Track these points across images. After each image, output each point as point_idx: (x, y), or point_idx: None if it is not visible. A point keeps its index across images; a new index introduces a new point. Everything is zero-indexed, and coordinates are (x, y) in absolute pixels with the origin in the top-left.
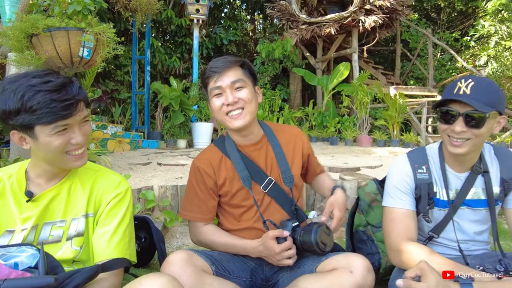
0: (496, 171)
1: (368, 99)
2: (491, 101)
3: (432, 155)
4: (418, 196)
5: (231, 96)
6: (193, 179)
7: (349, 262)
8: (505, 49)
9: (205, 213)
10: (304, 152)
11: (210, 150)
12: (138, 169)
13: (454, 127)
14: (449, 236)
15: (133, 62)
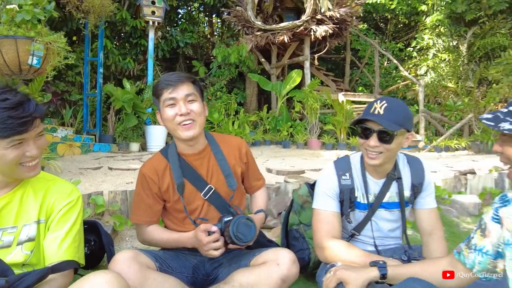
0: (408, 177)
1: (318, 105)
2: (399, 120)
3: (354, 163)
4: (342, 199)
5: (184, 107)
6: (139, 185)
7: (277, 256)
8: (441, 60)
9: (151, 216)
10: (242, 160)
11: (156, 158)
12: (88, 173)
13: (369, 142)
14: (368, 233)
15: (85, 63)
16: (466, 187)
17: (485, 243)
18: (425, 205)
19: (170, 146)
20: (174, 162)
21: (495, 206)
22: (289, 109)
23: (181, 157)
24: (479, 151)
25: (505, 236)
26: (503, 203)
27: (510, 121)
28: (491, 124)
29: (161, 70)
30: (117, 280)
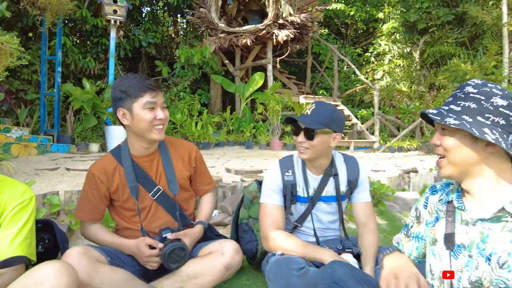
0: (344, 174)
1: (279, 107)
2: (323, 121)
3: (297, 161)
4: (285, 194)
5: (162, 113)
6: (87, 184)
7: (222, 246)
8: (396, 66)
9: (94, 214)
10: (191, 165)
11: (106, 159)
12: (44, 174)
13: (298, 138)
14: (309, 225)
15: (42, 62)
16: (409, 184)
17: (420, 229)
18: (360, 199)
19: (123, 148)
20: (127, 166)
21: (426, 196)
22: (252, 110)
23: (133, 160)
24: (429, 151)
25: (427, 219)
26: (432, 193)
27: (453, 117)
28: (438, 118)
29: (123, 69)
30: (66, 268)
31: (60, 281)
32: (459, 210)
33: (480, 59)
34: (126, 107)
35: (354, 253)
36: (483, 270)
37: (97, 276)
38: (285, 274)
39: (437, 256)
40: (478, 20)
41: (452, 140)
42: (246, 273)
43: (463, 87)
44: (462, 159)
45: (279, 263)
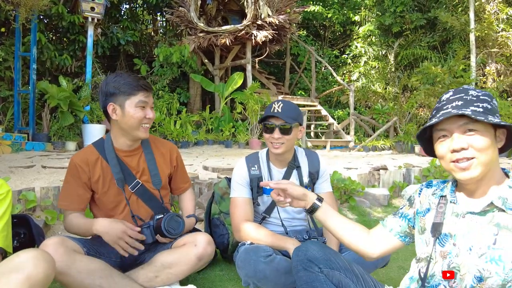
0: (306, 167)
1: (258, 107)
2: (293, 116)
3: (262, 157)
4: (252, 187)
5: (152, 113)
6: (69, 174)
7: (195, 238)
8: (371, 67)
9: (78, 203)
10: (172, 164)
11: (88, 150)
12: (19, 172)
13: (274, 135)
14: (276, 215)
15: (16, 58)
16: (379, 181)
17: (410, 212)
18: (322, 190)
19: (106, 141)
20: (112, 159)
21: (421, 187)
22: (232, 110)
23: (116, 153)
24: (402, 150)
25: (418, 208)
26: (427, 186)
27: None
28: (482, 118)
29: (100, 67)
30: (43, 256)
31: (38, 267)
32: (451, 203)
33: (450, 63)
34: (117, 103)
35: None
36: (462, 258)
37: (73, 265)
38: (253, 261)
39: (424, 242)
40: (448, 25)
41: (485, 139)
42: (220, 264)
43: (467, 91)
44: (491, 159)
45: (247, 251)
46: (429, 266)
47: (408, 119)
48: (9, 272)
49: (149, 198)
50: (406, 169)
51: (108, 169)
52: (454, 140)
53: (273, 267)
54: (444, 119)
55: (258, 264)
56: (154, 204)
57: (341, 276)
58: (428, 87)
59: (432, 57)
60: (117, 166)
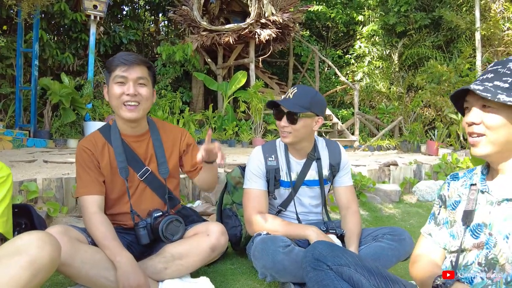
0: (326, 158)
1: (262, 106)
2: (305, 104)
3: (279, 146)
4: (268, 179)
5: (132, 88)
6: (80, 159)
7: (207, 227)
8: (375, 67)
9: (98, 186)
10: (181, 149)
11: (95, 135)
12: (21, 166)
13: (280, 122)
14: (292, 209)
15: (18, 54)
16: (389, 177)
17: (448, 214)
18: (342, 183)
19: (112, 127)
20: (117, 146)
21: (448, 181)
22: (235, 109)
23: (122, 139)
24: (407, 150)
25: (449, 203)
26: (453, 179)
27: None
28: (488, 95)
29: (102, 66)
30: (49, 238)
31: (43, 250)
32: (483, 193)
33: (455, 62)
34: (107, 83)
35: (337, 234)
36: (500, 248)
37: (78, 256)
38: (271, 251)
39: (455, 235)
40: (453, 24)
41: (498, 118)
42: (231, 258)
43: (506, 63)
44: (505, 138)
45: (265, 241)
46: (459, 257)
47: (412, 119)
48: (11, 254)
49: (159, 186)
50: (417, 165)
51: (114, 156)
52: (469, 114)
53: (292, 258)
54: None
55: (277, 255)
56: (163, 193)
57: (351, 271)
58: (434, 86)
59: (437, 57)
60: (122, 154)
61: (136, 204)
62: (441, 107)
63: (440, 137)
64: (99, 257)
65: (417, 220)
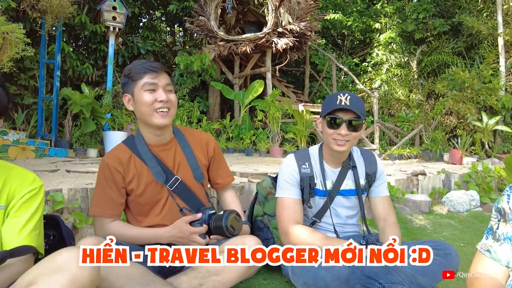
0: (362, 167)
1: (280, 114)
2: (362, 110)
3: (313, 154)
4: (302, 187)
5: (164, 94)
6: (102, 176)
7: (243, 241)
8: (394, 75)
9: (113, 209)
10: (208, 154)
11: (120, 149)
12: (44, 175)
13: (340, 131)
14: (328, 220)
15: (41, 65)
16: (417, 187)
17: (507, 229)
18: (379, 193)
19: (136, 137)
20: (145, 153)
21: (508, 193)
22: (252, 118)
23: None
24: (429, 159)
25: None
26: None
27: None
28: None
29: (121, 76)
30: None
31: (83, 268)
32: None
33: (477, 68)
34: (130, 92)
35: None
36: None
37: (111, 270)
38: (312, 268)
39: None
40: (474, 30)
41: None
42: (262, 272)
43: None
44: None
45: None
46: None
47: (433, 127)
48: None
49: (189, 196)
50: (446, 174)
51: (142, 167)
52: None
53: (334, 274)
54: None
55: (319, 271)
56: (194, 203)
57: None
58: (456, 93)
59: (458, 63)
60: (153, 160)
61: (166, 215)
62: (463, 115)
63: (463, 146)
64: (132, 271)
65: (450, 232)
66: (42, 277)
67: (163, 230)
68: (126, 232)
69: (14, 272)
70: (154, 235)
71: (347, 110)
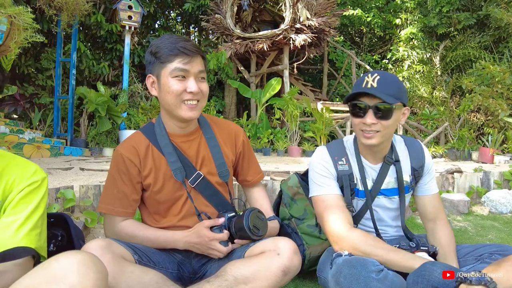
0: (407, 161)
1: (298, 113)
2: (395, 93)
3: (349, 147)
4: (340, 186)
5: (195, 85)
6: (114, 168)
7: (276, 245)
8: (416, 72)
9: (126, 206)
10: (237, 149)
11: (136, 137)
12: (58, 173)
13: (365, 119)
14: (367, 223)
15: (57, 64)
16: (453, 186)
17: None
18: (428, 191)
19: (157, 125)
20: (166, 145)
21: None
22: (269, 116)
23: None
24: (456, 158)
25: None
26: None
27: None
28: None
29: (137, 76)
30: (93, 261)
31: (85, 277)
32: None
33: (506, 62)
34: (155, 73)
35: (430, 252)
36: None
37: (123, 278)
38: (363, 278)
39: None
40: (502, 23)
41: None
42: (293, 280)
43: None
44: None
45: (353, 265)
46: None
47: (459, 125)
48: (43, 283)
49: (213, 194)
50: (484, 172)
51: (161, 159)
52: None
53: (387, 285)
54: None
55: (370, 282)
56: (218, 202)
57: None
58: (484, 88)
59: (486, 57)
60: (173, 154)
61: (187, 214)
62: (493, 111)
63: (494, 143)
64: (147, 279)
65: (496, 236)
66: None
67: (180, 234)
68: (140, 233)
69: (8, 279)
70: (170, 238)
71: (372, 94)
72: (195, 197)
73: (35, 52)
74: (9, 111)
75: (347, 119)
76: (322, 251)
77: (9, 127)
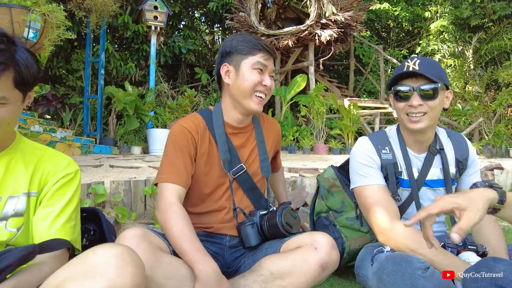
0: (451, 152)
1: (324, 109)
2: (437, 74)
3: (392, 136)
4: (385, 175)
5: (269, 80)
6: (173, 142)
7: (314, 239)
8: (447, 66)
9: (183, 176)
10: (277, 147)
11: (196, 117)
12: (88, 170)
13: (412, 102)
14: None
15: (86, 64)
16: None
17: None
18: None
19: (215, 113)
20: (220, 134)
21: None
22: (294, 114)
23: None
24: (492, 155)
25: None
26: None
27: None
28: None
29: (163, 76)
30: (131, 255)
31: (124, 272)
32: None
33: None
34: (233, 63)
35: (478, 252)
36: None
37: (160, 269)
38: (408, 275)
39: None
40: None
41: None
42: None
43: None
44: None
45: (397, 262)
46: None
47: (495, 120)
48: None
49: (252, 188)
50: None
51: (213, 145)
52: None
53: (434, 284)
54: None
55: (417, 279)
56: (255, 197)
57: None
58: None
59: None
60: (225, 144)
61: (226, 201)
62: None
63: None
64: (184, 272)
65: None
66: (71, 284)
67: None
68: (180, 223)
69: (45, 272)
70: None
71: (416, 75)
72: (235, 189)
73: (65, 54)
74: (42, 111)
75: (375, 116)
76: (362, 244)
77: (43, 126)
